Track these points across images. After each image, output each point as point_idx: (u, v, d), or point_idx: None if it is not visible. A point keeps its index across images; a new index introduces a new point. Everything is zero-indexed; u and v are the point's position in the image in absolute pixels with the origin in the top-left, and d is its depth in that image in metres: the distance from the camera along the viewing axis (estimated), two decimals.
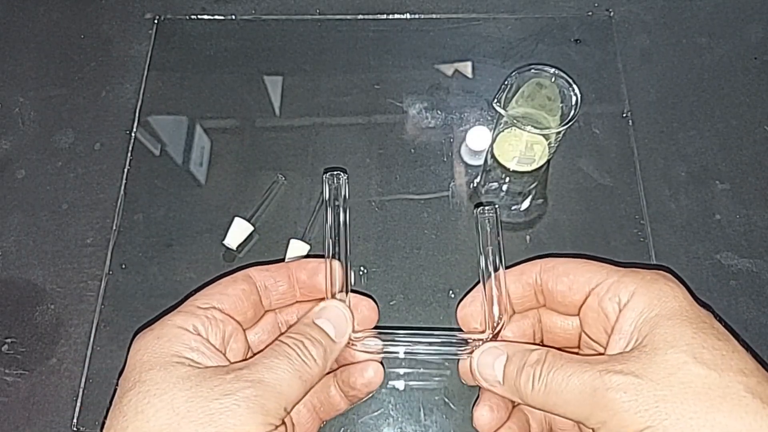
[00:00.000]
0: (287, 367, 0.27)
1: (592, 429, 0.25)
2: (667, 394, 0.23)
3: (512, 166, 0.46)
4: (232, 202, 0.46)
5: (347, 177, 0.36)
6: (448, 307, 0.43)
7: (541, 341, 0.34)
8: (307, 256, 0.43)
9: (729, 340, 0.25)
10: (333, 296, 0.32)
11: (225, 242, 0.44)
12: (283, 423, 0.26)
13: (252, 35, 0.53)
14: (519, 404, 0.32)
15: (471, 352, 0.31)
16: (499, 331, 0.32)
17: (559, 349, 0.29)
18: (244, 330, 0.31)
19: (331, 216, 0.35)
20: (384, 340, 0.33)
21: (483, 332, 0.33)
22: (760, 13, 0.54)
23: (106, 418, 0.26)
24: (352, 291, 0.33)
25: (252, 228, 0.45)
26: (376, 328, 0.34)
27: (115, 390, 0.26)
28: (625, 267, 0.30)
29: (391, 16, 0.53)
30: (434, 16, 0.53)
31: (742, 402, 0.23)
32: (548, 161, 0.46)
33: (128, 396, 0.25)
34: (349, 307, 0.32)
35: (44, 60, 0.52)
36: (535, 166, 0.46)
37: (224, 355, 0.28)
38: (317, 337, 0.29)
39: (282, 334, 0.29)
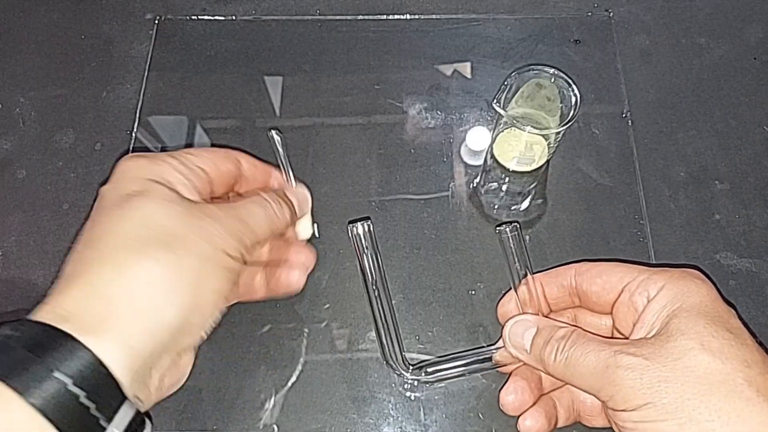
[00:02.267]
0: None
1: (603, 402, 0.28)
2: (670, 376, 0.26)
3: (512, 166, 0.46)
4: None
5: (371, 223, 0.39)
6: (448, 306, 0.43)
7: None
8: (312, 237, 0.42)
9: (740, 334, 0.27)
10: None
11: None
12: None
13: (252, 35, 0.53)
14: (548, 392, 0.35)
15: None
16: None
17: None
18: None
19: (362, 263, 0.39)
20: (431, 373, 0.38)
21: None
22: (759, 13, 0.54)
23: None
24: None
25: None
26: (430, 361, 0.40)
27: None
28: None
29: (391, 17, 0.54)
30: (434, 16, 0.54)
31: (738, 389, 0.25)
32: (548, 161, 0.46)
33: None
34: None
35: (44, 60, 0.52)
36: (534, 166, 0.46)
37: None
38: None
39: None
